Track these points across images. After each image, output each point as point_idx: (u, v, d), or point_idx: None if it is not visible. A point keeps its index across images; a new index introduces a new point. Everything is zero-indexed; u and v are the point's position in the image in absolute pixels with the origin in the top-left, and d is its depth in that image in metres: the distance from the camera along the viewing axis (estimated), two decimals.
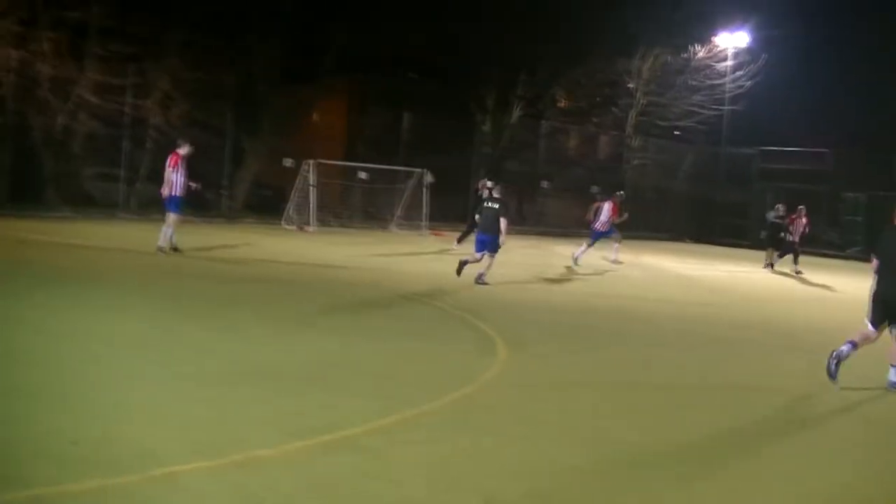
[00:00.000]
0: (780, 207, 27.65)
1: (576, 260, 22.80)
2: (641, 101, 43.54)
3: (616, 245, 24.36)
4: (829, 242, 41.18)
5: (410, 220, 33.20)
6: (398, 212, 33.69)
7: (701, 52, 43.70)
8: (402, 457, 6.47)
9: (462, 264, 17.38)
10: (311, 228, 29.55)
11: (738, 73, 43.62)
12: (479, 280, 17.05)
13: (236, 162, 34.24)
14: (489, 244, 17.23)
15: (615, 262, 24.07)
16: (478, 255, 17.45)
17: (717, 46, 44.34)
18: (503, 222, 17.14)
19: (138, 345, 9.64)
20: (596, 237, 23.90)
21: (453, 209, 36.57)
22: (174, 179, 18.55)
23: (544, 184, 41.36)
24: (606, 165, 45.51)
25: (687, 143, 46.65)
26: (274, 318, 12.11)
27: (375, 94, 38.92)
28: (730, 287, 22.41)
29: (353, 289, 16.19)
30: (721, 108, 44.02)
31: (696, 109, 43.19)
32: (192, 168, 19.13)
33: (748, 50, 44.03)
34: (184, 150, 18.79)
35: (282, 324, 11.62)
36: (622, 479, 6.47)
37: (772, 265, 26.92)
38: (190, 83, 30.18)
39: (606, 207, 23.89)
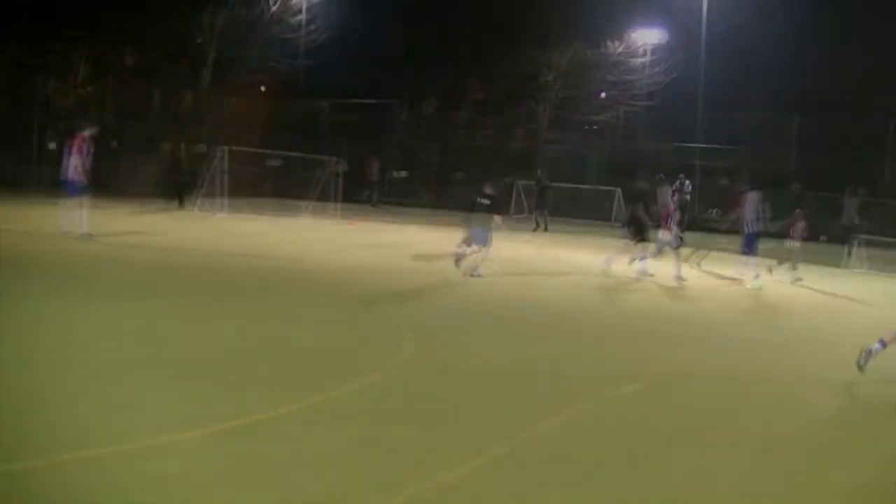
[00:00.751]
0: (685, 180, 27.60)
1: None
2: (557, 95, 43.81)
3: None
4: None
5: (323, 208, 33.01)
6: (311, 200, 33.47)
7: (618, 48, 44.10)
8: (308, 444, 6.48)
9: (459, 257, 17.67)
10: (222, 215, 29.19)
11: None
12: (474, 273, 17.42)
13: (150, 146, 33.70)
14: (482, 237, 17.79)
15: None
16: (473, 248, 17.84)
17: (634, 42, 44.82)
18: (497, 218, 18.04)
19: (43, 330, 9.47)
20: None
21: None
22: (75, 162, 18.30)
23: (458, 175, 41.39)
24: (521, 157, 45.74)
25: (602, 137, 47.04)
26: (182, 305, 11.99)
27: (292, 82, 38.58)
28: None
29: (261, 276, 16.08)
30: (637, 103, 44.49)
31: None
32: (101, 150, 18.87)
33: (663, 46, 44.61)
34: (88, 133, 18.53)
35: (190, 310, 11.51)
36: (535, 471, 6.47)
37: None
38: (106, 65, 29.62)
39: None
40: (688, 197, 30.41)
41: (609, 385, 9.33)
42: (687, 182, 29.39)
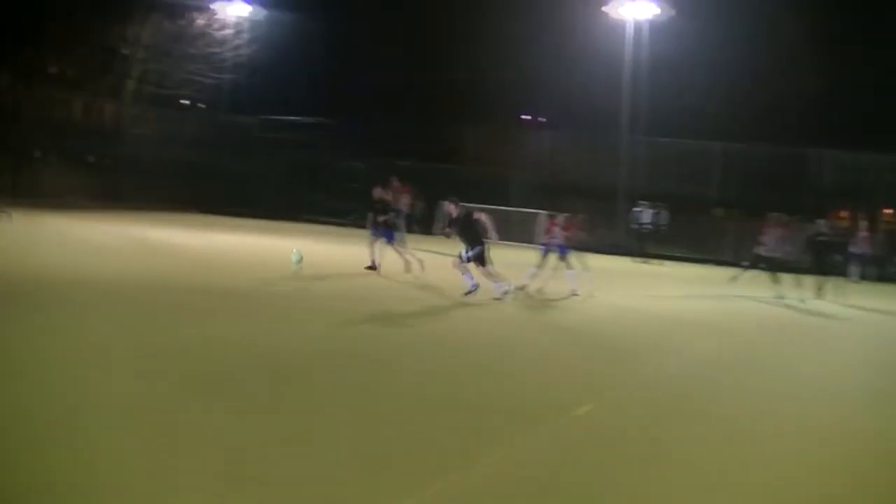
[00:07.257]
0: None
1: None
2: (139, 69, 42.11)
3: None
4: (331, 211, 42.58)
5: None
6: None
7: (200, 20, 43.08)
8: None
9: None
10: None
11: (238, 42, 43.55)
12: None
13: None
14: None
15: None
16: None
17: (216, 14, 44.00)
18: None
19: None
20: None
21: None
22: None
23: (37, 153, 38.72)
24: (107, 135, 43.62)
25: (189, 111, 45.85)
26: None
27: None
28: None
29: None
30: (222, 75, 43.72)
31: (196, 77, 42.52)
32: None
33: (249, 19, 44.20)
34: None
35: None
36: None
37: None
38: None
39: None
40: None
41: None
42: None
